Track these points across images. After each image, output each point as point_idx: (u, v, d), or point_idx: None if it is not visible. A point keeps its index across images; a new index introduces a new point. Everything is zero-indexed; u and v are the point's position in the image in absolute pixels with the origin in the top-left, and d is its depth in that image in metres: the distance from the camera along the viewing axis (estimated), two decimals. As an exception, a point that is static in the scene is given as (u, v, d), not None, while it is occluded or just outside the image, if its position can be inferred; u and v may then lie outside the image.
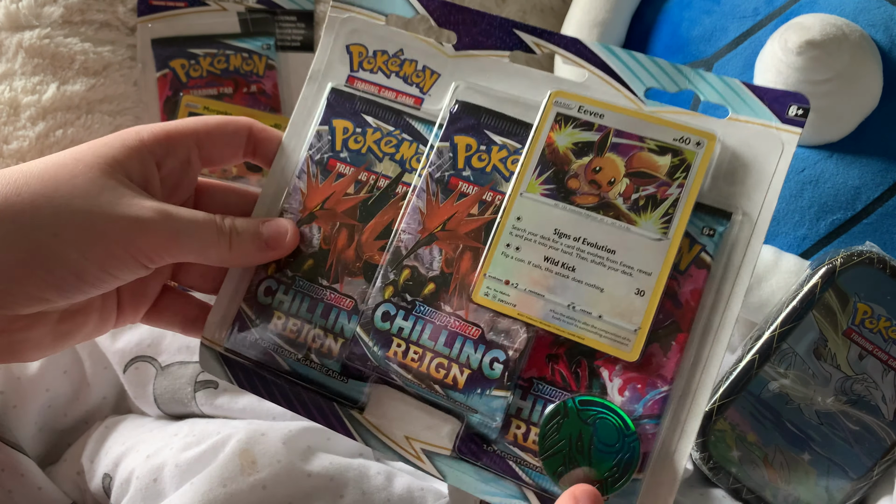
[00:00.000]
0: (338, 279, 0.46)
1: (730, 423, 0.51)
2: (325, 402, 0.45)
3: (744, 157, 0.44)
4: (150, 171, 0.43)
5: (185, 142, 0.44)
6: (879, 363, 0.49)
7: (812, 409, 0.49)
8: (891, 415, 0.48)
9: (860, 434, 0.48)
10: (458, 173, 0.46)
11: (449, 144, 0.47)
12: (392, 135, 0.48)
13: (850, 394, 0.49)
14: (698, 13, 0.67)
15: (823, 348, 0.49)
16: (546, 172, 0.44)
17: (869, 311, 0.49)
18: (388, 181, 0.48)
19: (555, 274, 0.43)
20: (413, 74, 0.49)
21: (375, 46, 0.49)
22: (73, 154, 0.40)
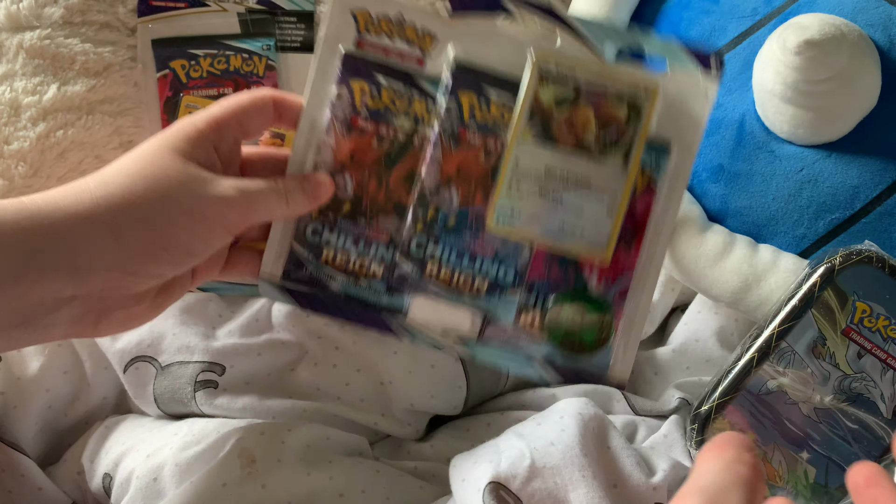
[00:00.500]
0: (374, 217, 0.56)
1: (728, 422, 0.51)
2: (375, 313, 0.55)
3: (678, 102, 0.55)
4: (211, 155, 0.50)
5: (231, 124, 0.50)
6: (878, 362, 0.48)
7: (811, 407, 0.49)
8: (889, 413, 0.48)
9: (859, 432, 0.48)
10: (465, 126, 0.56)
11: (455, 101, 0.56)
12: (403, 93, 0.56)
13: (849, 392, 0.49)
14: (697, 13, 0.67)
15: (822, 347, 0.49)
16: (535, 122, 0.55)
17: (868, 310, 0.49)
18: (406, 134, 0.56)
19: (548, 203, 0.55)
20: (414, 37, 0.56)
21: (377, 10, 0.56)
22: (153, 151, 0.48)
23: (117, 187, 0.45)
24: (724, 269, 0.59)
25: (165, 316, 0.62)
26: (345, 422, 0.59)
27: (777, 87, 0.58)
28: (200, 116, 0.50)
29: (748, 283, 0.58)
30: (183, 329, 0.60)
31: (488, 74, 0.56)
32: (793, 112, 0.59)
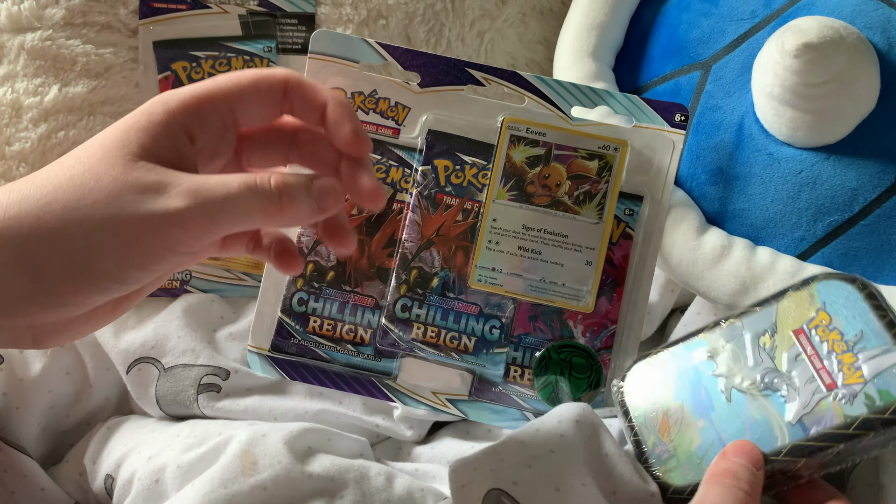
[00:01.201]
0: (358, 283, 0.59)
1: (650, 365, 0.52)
2: (365, 378, 0.58)
3: (647, 155, 0.60)
4: (182, 146, 0.40)
5: (217, 108, 0.41)
6: (810, 368, 0.46)
7: (730, 385, 0.49)
8: (795, 419, 0.46)
9: (758, 424, 0.46)
10: (442, 189, 0.59)
11: (430, 167, 0.60)
12: (381, 162, 0.60)
13: (770, 386, 0.47)
14: (696, 15, 0.67)
15: (770, 338, 0.48)
16: (510, 182, 0.59)
17: (827, 321, 0.47)
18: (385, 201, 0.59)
19: (527, 258, 0.58)
20: (388, 110, 0.60)
21: (353, 88, 0.60)
22: (93, 150, 0.38)
23: (34, 203, 0.37)
24: (722, 272, 0.59)
25: (169, 317, 0.62)
26: (347, 424, 0.59)
27: (776, 90, 0.58)
28: (177, 93, 0.40)
29: (746, 286, 0.58)
30: (188, 332, 0.61)
31: (461, 139, 0.60)
32: (791, 114, 0.59)
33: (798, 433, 0.45)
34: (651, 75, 0.68)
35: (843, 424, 0.44)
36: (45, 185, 0.37)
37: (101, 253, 0.37)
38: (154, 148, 0.38)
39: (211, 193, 0.37)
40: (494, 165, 0.59)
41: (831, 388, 0.45)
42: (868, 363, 0.44)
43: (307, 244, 0.59)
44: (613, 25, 0.70)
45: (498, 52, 0.73)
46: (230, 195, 0.37)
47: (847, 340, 0.45)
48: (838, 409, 0.44)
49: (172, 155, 0.39)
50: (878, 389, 0.43)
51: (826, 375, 0.45)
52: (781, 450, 0.45)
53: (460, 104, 0.60)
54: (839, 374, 0.45)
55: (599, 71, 0.68)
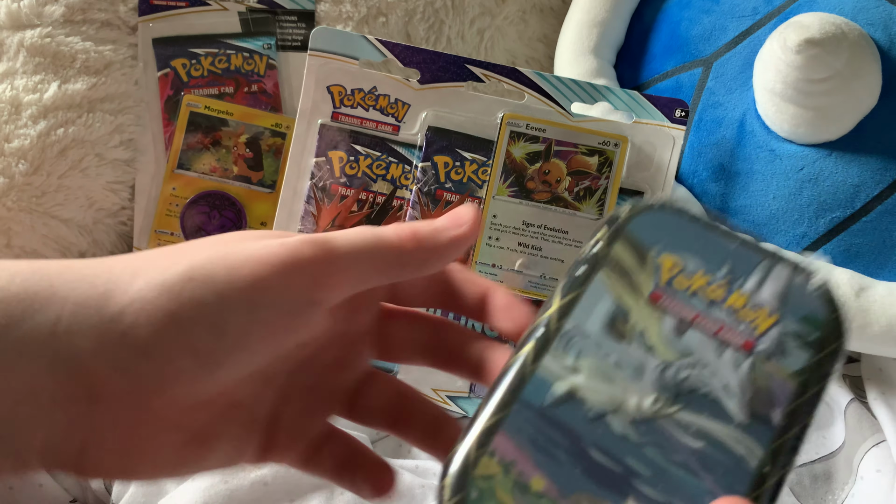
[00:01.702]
0: None
1: (499, 463, 0.29)
2: None
3: (647, 151, 0.59)
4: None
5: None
6: (708, 337, 0.31)
7: (626, 420, 0.30)
8: (746, 415, 0.30)
9: (707, 455, 0.29)
10: (442, 186, 0.59)
11: (430, 163, 0.59)
12: (381, 159, 0.60)
13: (678, 389, 0.30)
14: (697, 12, 0.67)
15: (624, 324, 0.31)
16: (509, 178, 0.59)
17: (679, 265, 0.32)
18: (385, 197, 0.60)
19: (527, 255, 0.58)
20: (388, 107, 0.60)
21: (352, 85, 0.60)
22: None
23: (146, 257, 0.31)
24: (724, 268, 0.59)
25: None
26: (347, 421, 0.59)
27: (777, 86, 0.58)
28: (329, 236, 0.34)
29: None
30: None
31: (461, 136, 0.60)
32: (793, 111, 0.59)
33: (764, 433, 0.30)
34: (652, 72, 0.68)
35: (800, 386, 0.31)
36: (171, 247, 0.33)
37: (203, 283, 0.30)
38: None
39: (331, 235, 0.33)
40: (494, 162, 0.59)
41: (749, 347, 0.31)
42: (763, 295, 0.32)
43: None
44: (615, 22, 0.70)
45: (498, 50, 0.73)
46: (352, 235, 0.33)
47: (719, 280, 0.32)
48: (780, 371, 0.31)
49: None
50: (799, 319, 0.31)
51: (733, 335, 0.31)
52: (764, 475, 0.29)
53: (460, 101, 0.60)
54: (745, 326, 0.31)
55: (600, 68, 0.68)
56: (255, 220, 0.67)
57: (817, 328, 0.31)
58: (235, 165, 0.67)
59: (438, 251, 0.34)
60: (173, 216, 0.67)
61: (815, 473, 0.57)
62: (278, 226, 0.59)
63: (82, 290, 0.29)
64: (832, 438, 0.58)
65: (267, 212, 0.66)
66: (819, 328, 0.31)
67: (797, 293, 0.31)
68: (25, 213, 0.64)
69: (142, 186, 0.68)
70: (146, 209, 0.67)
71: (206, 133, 0.68)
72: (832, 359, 0.31)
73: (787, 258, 0.32)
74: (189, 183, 0.67)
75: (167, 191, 0.67)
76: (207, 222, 0.67)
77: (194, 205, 0.67)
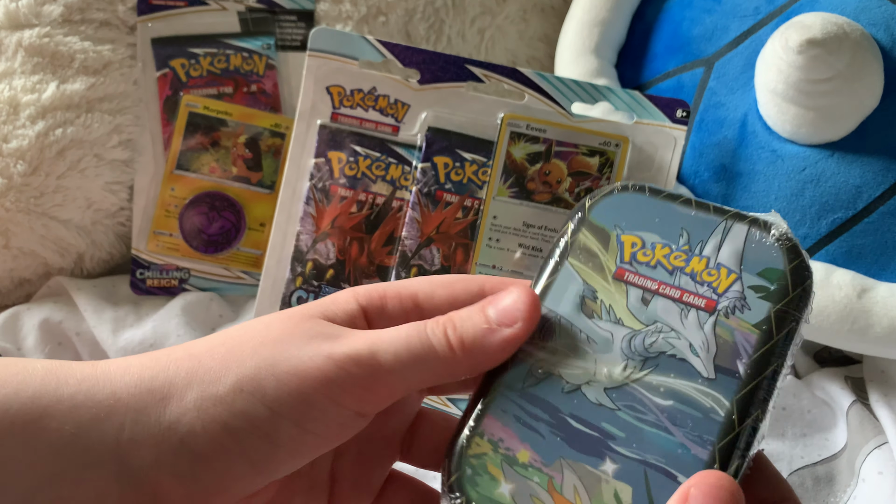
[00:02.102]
0: (357, 281, 0.58)
1: (490, 441, 0.32)
2: None
3: (648, 151, 0.59)
4: (359, 325, 0.34)
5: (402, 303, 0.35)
6: (671, 302, 0.33)
7: (600, 389, 0.32)
8: (711, 370, 0.32)
9: (677, 411, 0.31)
10: (441, 187, 0.59)
11: (430, 164, 0.59)
12: (380, 160, 0.59)
13: (646, 354, 0.33)
14: (699, 12, 0.67)
15: (593, 302, 0.34)
16: (510, 179, 0.58)
17: (639, 242, 0.34)
18: (385, 198, 0.59)
19: (528, 255, 0.58)
20: (387, 107, 0.60)
21: (352, 86, 0.60)
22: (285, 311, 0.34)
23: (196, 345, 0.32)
24: (726, 269, 0.58)
25: (168, 316, 0.61)
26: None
27: (779, 87, 0.58)
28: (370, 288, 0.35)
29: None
30: (187, 330, 0.60)
31: (461, 136, 0.59)
32: (795, 111, 0.58)
33: (729, 384, 0.32)
34: (654, 72, 0.68)
35: (763, 335, 0.32)
36: (214, 336, 0.33)
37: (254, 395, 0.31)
38: (334, 316, 0.34)
39: (379, 338, 0.32)
40: (494, 162, 0.59)
41: (711, 306, 0.33)
42: (722, 256, 0.33)
43: (306, 242, 0.59)
44: (616, 22, 0.70)
45: (499, 50, 0.73)
46: (399, 346, 0.32)
47: (679, 249, 0.34)
48: (742, 324, 0.32)
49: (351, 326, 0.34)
50: (758, 272, 0.33)
51: (695, 298, 0.33)
52: (732, 423, 0.31)
53: (460, 101, 0.60)
54: (707, 287, 0.33)
55: (602, 68, 0.68)
56: (255, 221, 0.67)
57: (776, 278, 0.32)
58: (234, 166, 0.67)
59: (489, 355, 0.33)
60: (172, 217, 0.67)
61: (818, 475, 0.57)
62: (278, 226, 0.59)
63: (141, 398, 0.31)
64: (834, 441, 0.58)
65: (266, 212, 0.66)
66: (778, 278, 0.32)
67: (756, 248, 0.33)
68: (24, 213, 0.64)
69: (140, 187, 0.67)
70: (145, 210, 0.67)
71: (205, 133, 0.67)
72: (797, 304, 0.32)
73: (746, 216, 0.34)
74: (188, 183, 0.67)
75: (166, 191, 0.67)
76: (206, 223, 0.67)
77: (193, 206, 0.67)
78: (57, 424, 0.29)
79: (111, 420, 0.30)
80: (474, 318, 0.33)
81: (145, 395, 0.31)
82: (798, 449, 0.58)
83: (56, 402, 0.30)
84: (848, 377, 0.61)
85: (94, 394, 0.30)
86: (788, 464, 0.56)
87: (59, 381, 0.30)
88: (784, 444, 0.58)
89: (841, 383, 0.61)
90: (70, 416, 0.30)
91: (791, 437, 0.58)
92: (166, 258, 0.67)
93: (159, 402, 0.30)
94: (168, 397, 0.31)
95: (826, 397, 0.61)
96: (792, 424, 0.59)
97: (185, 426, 0.30)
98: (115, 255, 0.69)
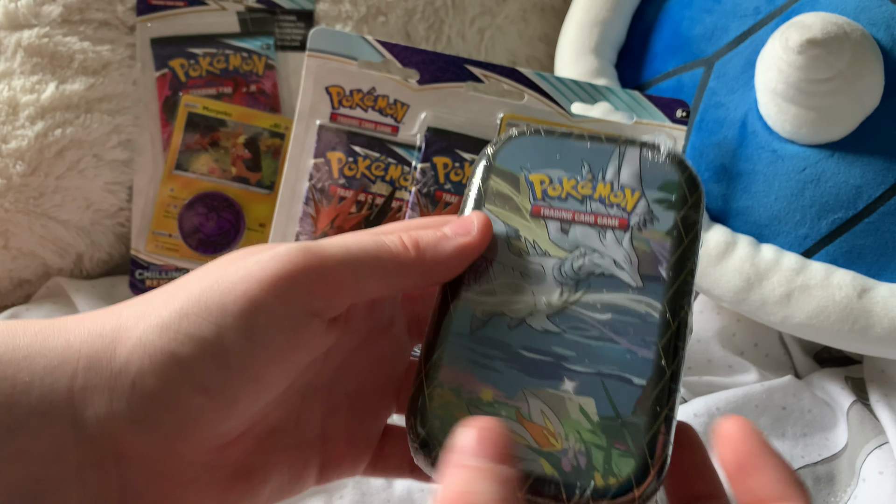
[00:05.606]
0: None
1: (451, 389, 0.33)
2: None
3: None
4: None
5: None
6: (588, 227, 0.36)
7: (543, 317, 0.34)
8: (637, 279, 0.35)
9: (617, 322, 0.34)
10: (441, 187, 0.59)
11: (429, 164, 0.59)
12: (379, 160, 0.59)
13: (577, 276, 0.35)
14: (699, 12, 0.67)
15: (518, 240, 0.36)
16: None
17: (546, 180, 0.37)
18: (384, 199, 0.59)
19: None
20: (387, 107, 0.60)
21: (351, 86, 0.60)
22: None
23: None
24: (725, 269, 0.58)
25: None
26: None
27: (779, 87, 0.58)
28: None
29: (750, 283, 0.57)
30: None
31: (460, 136, 0.59)
32: (795, 111, 0.58)
33: (657, 289, 0.34)
34: (654, 72, 0.68)
35: (675, 240, 0.35)
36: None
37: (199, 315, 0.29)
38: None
39: (329, 240, 0.32)
40: None
41: (624, 224, 0.36)
42: (623, 178, 0.37)
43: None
44: (616, 22, 0.69)
45: (498, 49, 0.73)
46: (349, 240, 0.32)
47: (584, 179, 0.37)
48: (655, 234, 0.36)
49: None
50: (658, 187, 0.36)
51: (608, 219, 0.36)
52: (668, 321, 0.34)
53: (459, 101, 0.60)
54: (616, 208, 0.36)
55: (601, 67, 0.68)
56: (254, 222, 0.67)
57: (675, 189, 0.36)
58: (234, 166, 0.67)
59: (442, 262, 0.34)
60: (171, 217, 0.67)
61: (818, 475, 0.57)
62: (277, 227, 0.59)
63: (93, 344, 0.29)
64: (834, 440, 0.58)
65: (265, 213, 0.66)
66: (676, 188, 0.36)
67: (651, 167, 0.36)
68: (23, 214, 0.64)
69: (140, 187, 0.67)
70: (144, 210, 0.67)
71: (205, 134, 0.67)
72: (696, 208, 0.36)
73: (636, 140, 0.37)
74: (187, 184, 0.67)
75: (165, 192, 0.67)
76: (206, 224, 0.67)
77: (192, 206, 0.67)
78: (12, 372, 0.28)
79: (63, 368, 0.29)
80: (430, 231, 0.34)
81: (96, 340, 0.29)
82: (798, 448, 0.58)
83: (10, 352, 0.29)
84: (848, 377, 0.61)
85: (49, 343, 0.29)
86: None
87: (16, 332, 0.30)
88: (784, 443, 0.58)
89: (841, 383, 0.61)
90: (24, 365, 0.29)
91: (791, 436, 0.58)
92: (165, 259, 0.67)
93: (109, 345, 0.29)
94: (117, 339, 0.29)
95: (826, 397, 0.61)
96: (792, 424, 0.59)
97: (134, 365, 0.29)
98: (114, 255, 0.69)
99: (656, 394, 0.32)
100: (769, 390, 0.59)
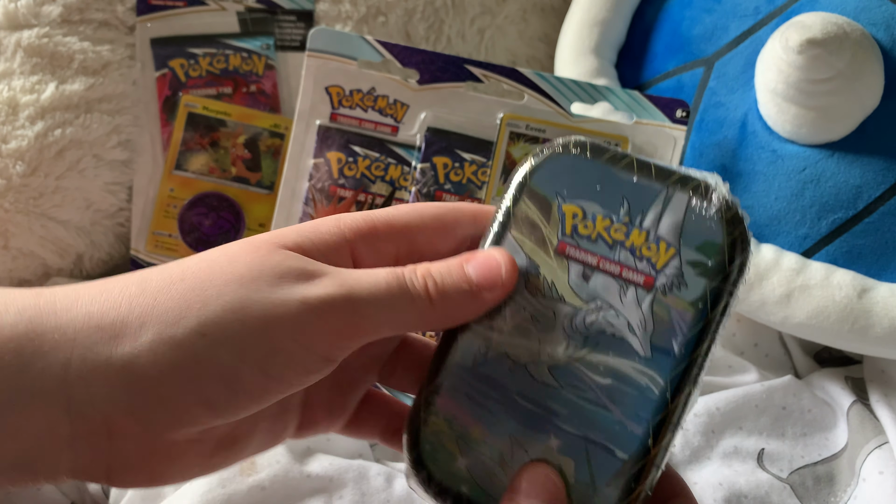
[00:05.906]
0: None
1: (445, 419, 0.34)
2: None
3: (648, 151, 0.59)
4: (344, 263, 0.33)
5: (393, 236, 0.34)
6: (611, 279, 0.33)
7: (544, 368, 0.33)
8: (647, 349, 0.32)
9: (615, 389, 0.32)
10: (441, 187, 0.59)
11: (429, 165, 0.59)
12: (379, 160, 0.59)
13: (587, 332, 0.33)
14: (699, 12, 0.67)
15: (536, 278, 0.34)
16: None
17: (580, 213, 0.34)
18: (384, 199, 0.59)
19: None
20: (386, 107, 0.60)
21: (351, 86, 0.60)
22: (250, 238, 0.33)
23: (164, 283, 0.30)
24: (726, 269, 0.58)
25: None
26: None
27: (779, 87, 0.58)
28: (352, 216, 0.34)
29: (750, 283, 0.57)
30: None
31: (460, 137, 0.59)
32: (795, 111, 0.58)
33: (665, 363, 0.32)
34: (654, 72, 0.68)
35: (698, 314, 0.32)
36: (172, 268, 0.31)
37: (216, 342, 0.29)
38: (310, 249, 0.32)
39: (358, 286, 0.31)
40: (494, 163, 0.59)
41: (650, 283, 0.33)
42: (661, 229, 0.33)
43: None
44: (616, 22, 0.69)
45: (498, 49, 0.73)
46: (378, 288, 0.31)
47: (620, 221, 0.34)
48: (678, 302, 0.33)
49: (330, 262, 0.32)
50: (696, 247, 0.33)
51: (633, 273, 0.33)
52: (666, 400, 0.32)
53: (459, 101, 0.60)
54: (646, 262, 0.33)
55: (601, 67, 0.68)
56: (254, 222, 0.67)
57: (714, 253, 0.32)
58: (234, 166, 0.67)
59: (463, 313, 0.33)
60: (171, 217, 0.67)
61: (818, 475, 0.57)
62: (276, 227, 0.59)
63: (90, 335, 0.29)
64: (834, 440, 0.58)
65: (265, 213, 0.66)
66: (716, 253, 0.32)
67: (695, 220, 0.33)
68: (23, 214, 0.64)
69: (139, 187, 0.67)
70: (144, 210, 0.67)
71: (204, 134, 0.67)
72: (733, 279, 0.32)
73: (689, 182, 0.33)
74: (187, 184, 0.67)
75: (165, 192, 0.67)
76: (205, 224, 0.67)
77: (192, 206, 0.67)
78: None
79: (56, 354, 0.28)
80: (454, 275, 0.33)
81: (94, 331, 0.29)
82: (798, 448, 0.58)
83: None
84: (848, 377, 0.61)
85: (37, 325, 0.29)
86: (789, 463, 0.56)
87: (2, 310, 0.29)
88: (784, 443, 0.58)
89: (841, 383, 0.61)
90: (9, 346, 0.28)
91: (791, 436, 0.58)
92: (165, 258, 0.67)
93: (110, 340, 0.29)
94: (119, 336, 0.29)
95: (826, 397, 0.61)
96: (792, 424, 0.59)
97: (139, 367, 0.29)
98: (114, 255, 0.69)
99: (635, 471, 0.32)
100: (769, 390, 0.59)
